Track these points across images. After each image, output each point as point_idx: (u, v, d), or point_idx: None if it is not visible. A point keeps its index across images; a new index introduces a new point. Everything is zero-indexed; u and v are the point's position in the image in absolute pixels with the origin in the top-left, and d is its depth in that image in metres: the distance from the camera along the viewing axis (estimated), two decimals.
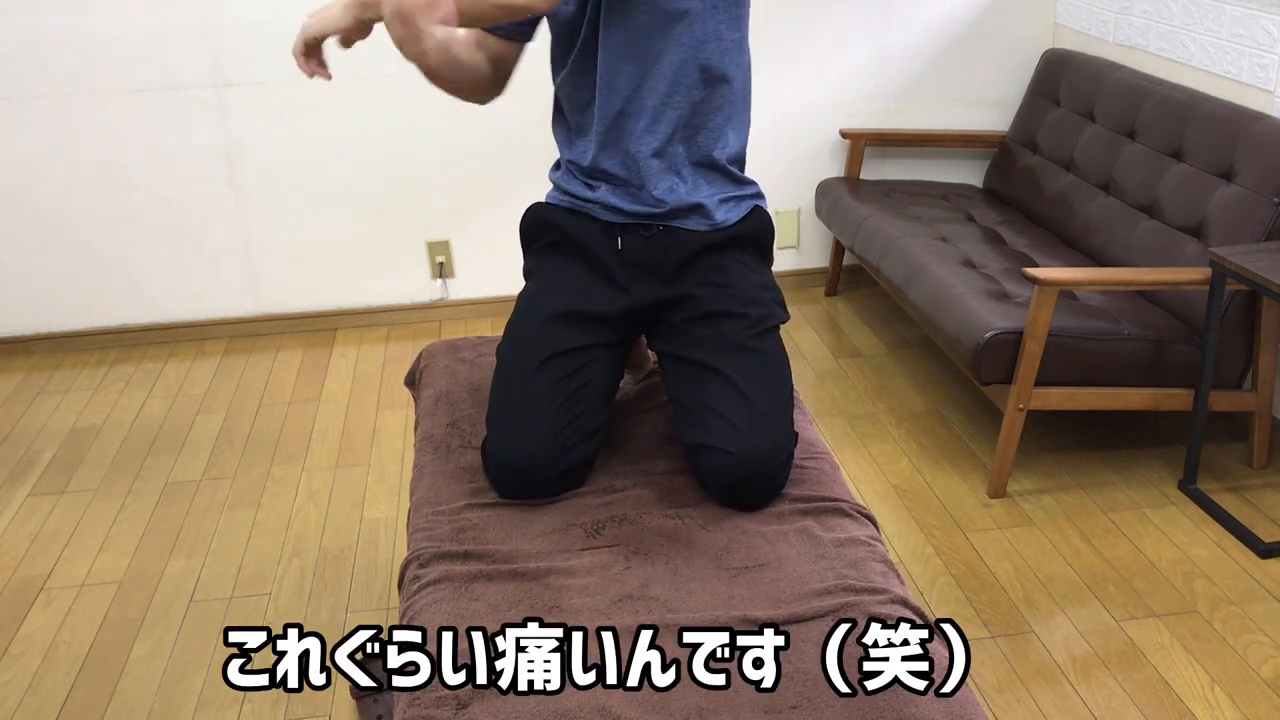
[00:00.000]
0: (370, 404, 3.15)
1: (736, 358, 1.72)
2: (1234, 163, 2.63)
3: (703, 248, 1.79)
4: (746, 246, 1.84)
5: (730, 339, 1.74)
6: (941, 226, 3.19)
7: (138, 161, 3.41)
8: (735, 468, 1.63)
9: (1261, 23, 2.70)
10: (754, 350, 1.74)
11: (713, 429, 1.67)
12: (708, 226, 1.80)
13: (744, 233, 1.83)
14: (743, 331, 1.74)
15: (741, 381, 1.70)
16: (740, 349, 1.73)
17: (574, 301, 1.79)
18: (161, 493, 2.74)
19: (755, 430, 1.66)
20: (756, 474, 1.64)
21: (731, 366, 1.71)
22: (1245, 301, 2.52)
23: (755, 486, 1.65)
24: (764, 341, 1.76)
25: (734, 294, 1.77)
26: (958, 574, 2.33)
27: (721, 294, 1.77)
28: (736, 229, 1.82)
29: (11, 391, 3.32)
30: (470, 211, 3.62)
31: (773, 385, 1.72)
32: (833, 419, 2.99)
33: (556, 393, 1.71)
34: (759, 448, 1.64)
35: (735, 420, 1.66)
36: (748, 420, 1.66)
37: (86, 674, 2.12)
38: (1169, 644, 2.11)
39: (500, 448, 1.68)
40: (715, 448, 1.65)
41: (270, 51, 3.34)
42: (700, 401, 1.70)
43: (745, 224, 1.83)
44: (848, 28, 3.57)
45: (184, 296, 3.59)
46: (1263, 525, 2.47)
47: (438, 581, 1.52)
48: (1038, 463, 2.74)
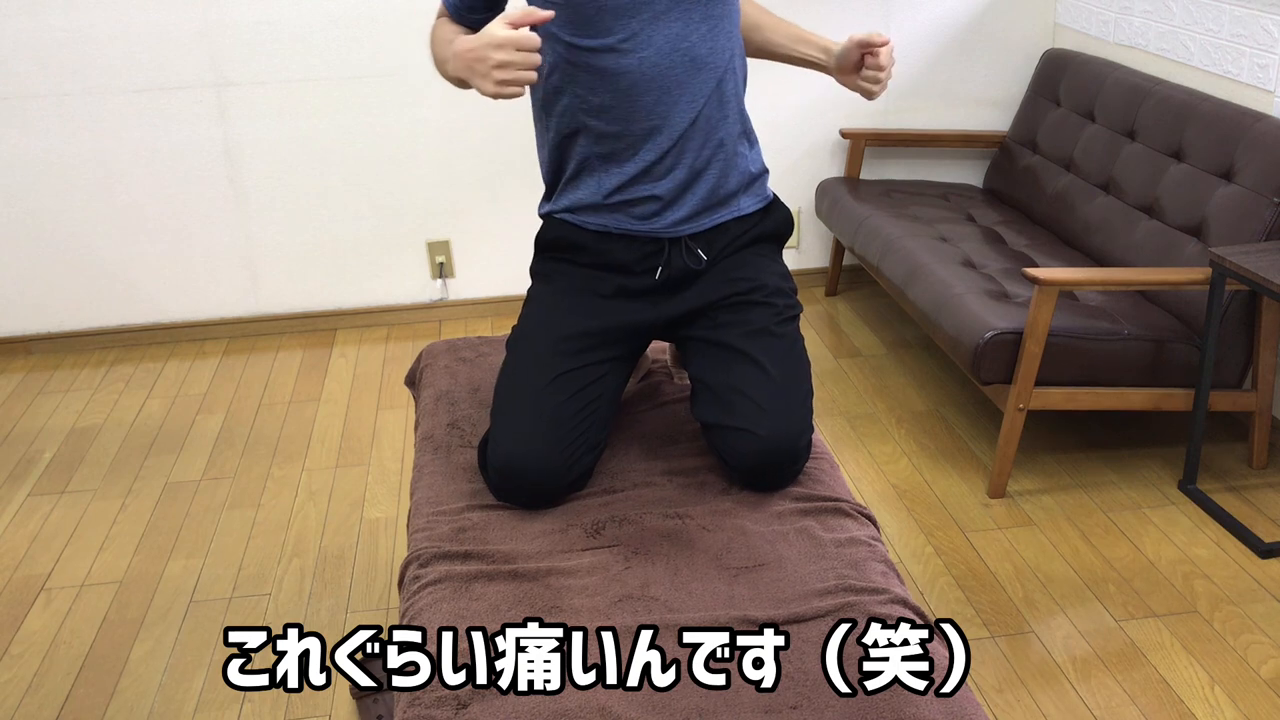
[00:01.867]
0: (370, 404, 3.15)
1: (764, 341, 1.74)
2: (1234, 163, 2.63)
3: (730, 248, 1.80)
4: (769, 240, 1.87)
5: (758, 325, 1.76)
6: (941, 226, 3.19)
7: (138, 161, 3.41)
8: (761, 450, 1.66)
9: (1261, 23, 2.70)
10: (780, 336, 1.76)
11: (739, 410, 1.69)
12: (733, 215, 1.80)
13: (770, 231, 1.86)
14: (770, 319, 1.77)
15: (770, 365, 1.72)
16: (768, 334, 1.75)
17: (595, 320, 1.77)
18: (161, 493, 2.74)
19: (782, 413, 1.68)
20: (782, 455, 1.67)
21: (760, 351, 1.73)
22: (1245, 301, 2.52)
23: (779, 469, 1.68)
24: (788, 328, 1.79)
25: (758, 285, 1.79)
26: (958, 574, 2.33)
27: (747, 284, 1.79)
28: (766, 226, 1.84)
29: (11, 391, 3.32)
30: (470, 211, 3.62)
31: (798, 371, 1.75)
32: (833, 419, 2.99)
33: (568, 408, 1.71)
34: (785, 430, 1.67)
35: (763, 403, 1.69)
36: (774, 403, 1.69)
37: (86, 674, 2.12)
38: (1169, 644, 2.11)
39: (506, 459, 1.67)
40: (741, 429, 1.68)
41: (270, 51, 3.34)
42: (727, 384, 1.72)
43: (771, 219, 1.85)
44: (848, 28, 3.57)
45: (184, 296, 3.59)
46: (1263, 525, 2.47)
47: (438, 581, 1.52)
48: (1038, 463, 2.74)
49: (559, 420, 1.69)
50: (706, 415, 1.73)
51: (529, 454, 1.66)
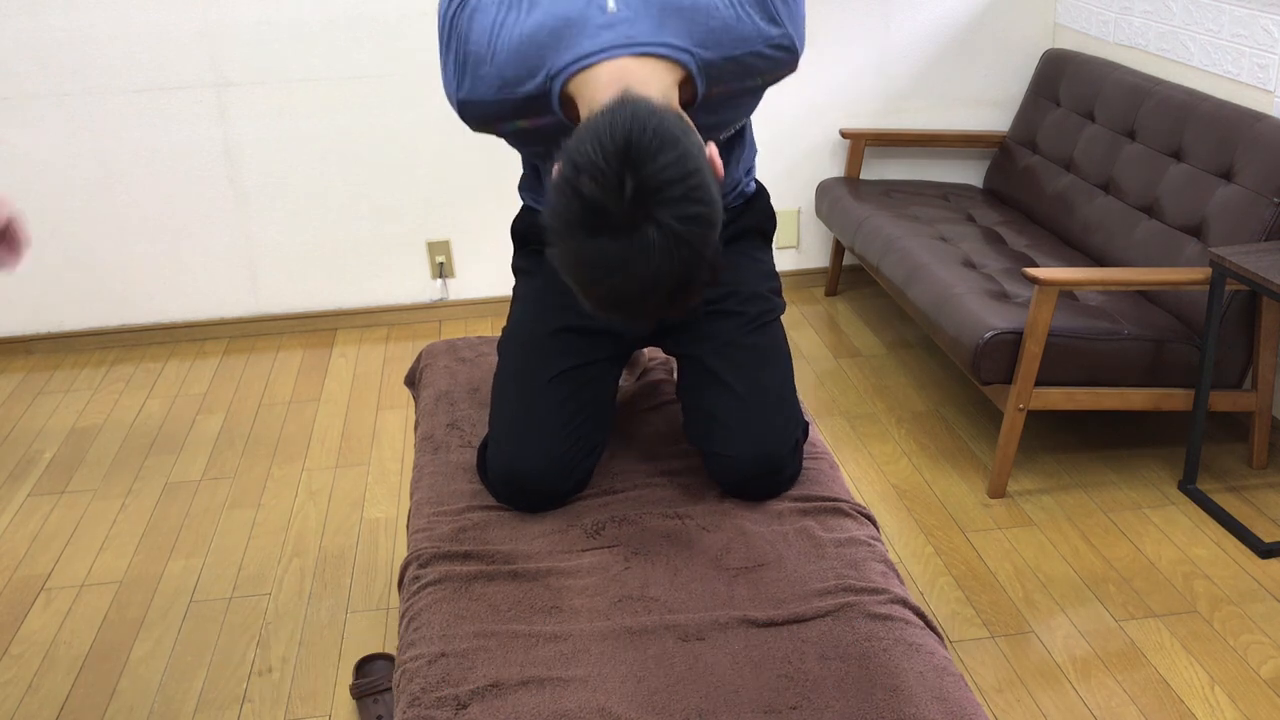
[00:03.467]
0: (370, 404, 3.15)
1: (734, 357, 1.73)
2: (1234, 163, 2.63)
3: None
4: (754, 235, 1.86)
5: (725, 338, 1.74)
6: (941, 226, 3.19)
7: (138, 161, 3.41)
8: (739, 470, 1.68)
9: (1261, 23, 2.69)
10: (749, 347, 1.74)
11: (715, 436, 1.70)
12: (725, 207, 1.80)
13: (751, 225, 1.85)
14: (738, 330, 1.75)
15: (736, 384, 1.71)
16: (735, 348, 1.74)
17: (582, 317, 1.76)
18: (161, 493, 2.74)
19: (754, 435, 1.68)
20: (761, 471, 1.68)
21: (727, 369, 1.72)
22: (1245, 301, 2.52)
23: (762, 481, 1.69)
24: (761, 336, 1.76)
25: (732, 291, 1.78)
26: (958, 574, 2.33)
27: (723, 290, 1.78)
28: (745, 221, 1.83)
29: (11, 391, 3.32)
30: (470, 211, 3.62)
31: (769, 383, 1.73)
32: (833, 419, 2.99)
33: (566, 410, 1.70)
34: (757, 451, 1.67)
35: (733, 426, 1.69)
36: (745, 427, 1.69)
37: (86, 674, 2.12)
38: (1169, 644, 2.11)
39: (508, 464, 1.68)
40: (716, 453, 1.69)
41: (270, 51, 3.34)
42: (699, 407, 1.73)
43: (751, 213, 1.85)
44: (848, 28, 3.57)
45: (184, 296, 3.59)
46: (1263, 525, 2.47)
47: (438, 581, 1.52)
48: (1038, 463, 2.74)
49: (557, 428, 1.69)
50: (690, 436, 1.76)
51: (529, 464, 1.66)
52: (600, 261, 1.28)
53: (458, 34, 1.54)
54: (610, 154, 1.25)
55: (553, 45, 1.49)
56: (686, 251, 1.28)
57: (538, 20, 1.50)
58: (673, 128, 1.29)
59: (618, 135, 1.26)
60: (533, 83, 1.51)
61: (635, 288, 1.29)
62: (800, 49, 1.57)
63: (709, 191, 1.29)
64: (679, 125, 1.30)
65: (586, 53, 1.47)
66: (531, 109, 1.55)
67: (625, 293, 1.30)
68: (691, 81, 1.52)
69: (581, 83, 1.47)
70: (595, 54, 1.46)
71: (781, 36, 1.54)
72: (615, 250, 1.27)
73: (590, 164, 1.25)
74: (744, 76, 1.56)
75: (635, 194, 1.25)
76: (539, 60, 1.50)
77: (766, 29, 1.53)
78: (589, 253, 1.28)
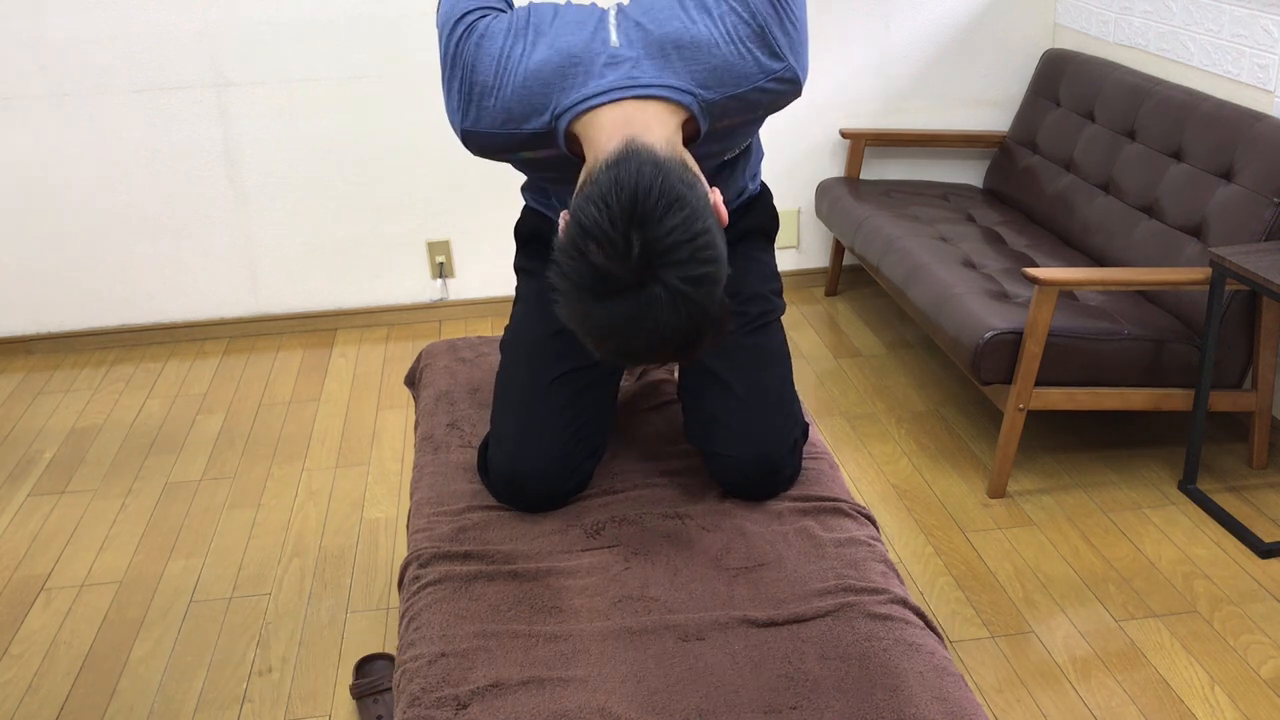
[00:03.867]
0: (370, 404, 3.15)
1: (734, 357, 1.73)
2: (1234, 163, 2.63)
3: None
4: (757, 236, 1.86)
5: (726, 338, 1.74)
6: (941, 226, 3.19)
7: (138, 161, 3.41)
8: (739, 470, 1.68)
9: (1261, 23, 2.70)
10: (748, 348, 1.75)
11: (715, 436, 1.70)
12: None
13: (754, 225, 1.85)
14: (740, 330, 1.76)
15: (736, 384, 1.71)
16: (738, 348, 1.74)
17: None
18: (161, 493, 2.74)
19: (753, 435, 1.68)
20: (761, 471, 1.68)
21: (727, 370, 1.72)
22: (1245, 301, 2.52)
23: (762, 481, 1.69)
24: (760, 336, 1.77)
25: (736, 290, 1.78)
26: (958, 574, 2.33)
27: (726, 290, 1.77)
28: (748, 222, 1.83)
29: (11, 391, 3.32)
30: (470, 211, 3.62)
31: (769, 383, 1.74)
32: (833, 419, 2.99)
33: (567, 411, 1.71)
34: (757, 452, 1.67)
35: (733, 427, 1.69)
36: (744, 427, 1.69)
37: (86, 674, 2.12)
38: (1169, 644, 2.11)
39: (509, 464, 1.68)
40: (716, 453, 1.70)
41: (270, 51, 3.34)
42: (700, 408, 1.73)
43: (754, 214, 1.85)
44: (848, 28, 3.57)
45: (184, 296, 3.59)
46: (1263, 525, 2.47)
47: (438, 581, 1.52)
48: (1038, 463, 2.74)
49: (558, 429, 1.69)
50: (690, 436, 1.76)
51: (530, 465, 1.66)
52: (608, 322, 1.30)
53: (463, 62, 1.53)
54: (617, 217, 1.26)
55: (558, 83, 1.49)
56: (693, 309, 1.30)
57: (543, 55, 1.50)
58: (677, 184, 1.30)
59: (624, 198, 1.27)
60: (539, 120, 1.51)
61: (643, 343, 1.32)
62: (803, 78, 1.56)
63: (715, 250, 1.31)
64: (684, 179, 1.31)
65: (592, 94, 1.47)
66: (536, 143, 1.55)
67: (633, 348, 1.33)
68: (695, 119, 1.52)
69: (586, 124, 1.47)
70: (600, 95, 1.46)
71: (784, 70, 1.53)
72: (623, 310, 1.29)
73: (597, 228, 1.27)
74: (747, 110, 1.56)
75: (642, 256, 1.27)
76: (545, 99, 1.50)
77: (768, 64, 1.52)
78: (598, 316, 1.30)
